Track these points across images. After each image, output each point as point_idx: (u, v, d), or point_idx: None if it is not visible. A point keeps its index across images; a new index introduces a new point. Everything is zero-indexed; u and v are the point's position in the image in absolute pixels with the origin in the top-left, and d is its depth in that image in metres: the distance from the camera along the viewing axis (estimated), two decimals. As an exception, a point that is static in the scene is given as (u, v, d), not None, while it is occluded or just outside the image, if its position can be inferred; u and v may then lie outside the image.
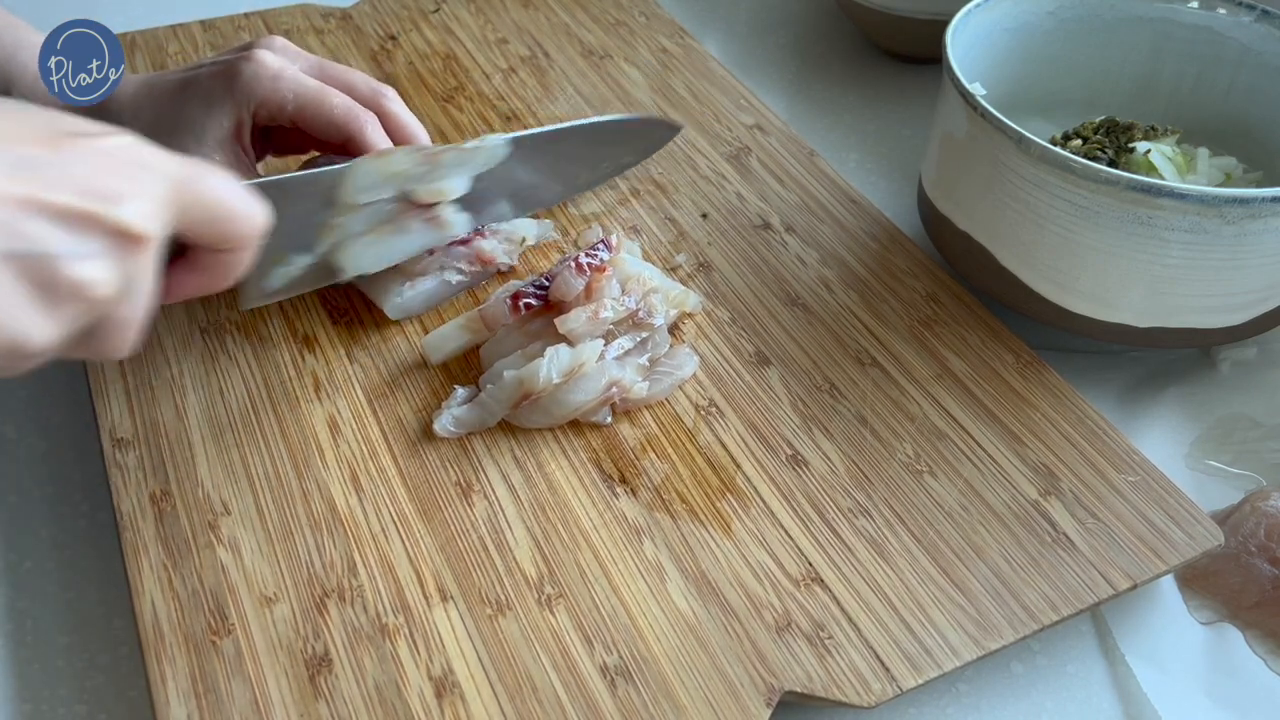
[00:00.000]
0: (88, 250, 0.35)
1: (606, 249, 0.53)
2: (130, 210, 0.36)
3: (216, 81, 0.51)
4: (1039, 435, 0.50)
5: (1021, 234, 0.53)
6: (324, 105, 0.51)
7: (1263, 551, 0.47)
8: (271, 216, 0.42)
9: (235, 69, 0.51)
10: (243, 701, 0.40)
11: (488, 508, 0.47)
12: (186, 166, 0.39)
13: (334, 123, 0.51)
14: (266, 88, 0.51)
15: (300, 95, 0.51)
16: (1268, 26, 0.59)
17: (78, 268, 0.34)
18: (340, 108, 0.51)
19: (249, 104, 0.51)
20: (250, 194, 0.41)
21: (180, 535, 0.45)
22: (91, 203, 0.35)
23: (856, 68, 0.81)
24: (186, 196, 0.38)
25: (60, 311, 0.35)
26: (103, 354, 0.39)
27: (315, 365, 0.53)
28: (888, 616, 0.43)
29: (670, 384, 0.51)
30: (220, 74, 0.51)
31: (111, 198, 0.35)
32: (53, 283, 0.34)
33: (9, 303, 0.34)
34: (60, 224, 0.34)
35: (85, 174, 0.35)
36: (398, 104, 0.55)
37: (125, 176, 0.36)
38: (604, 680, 0.41)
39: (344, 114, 0.51)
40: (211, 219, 0.40)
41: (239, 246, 0.41)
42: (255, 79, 0.51)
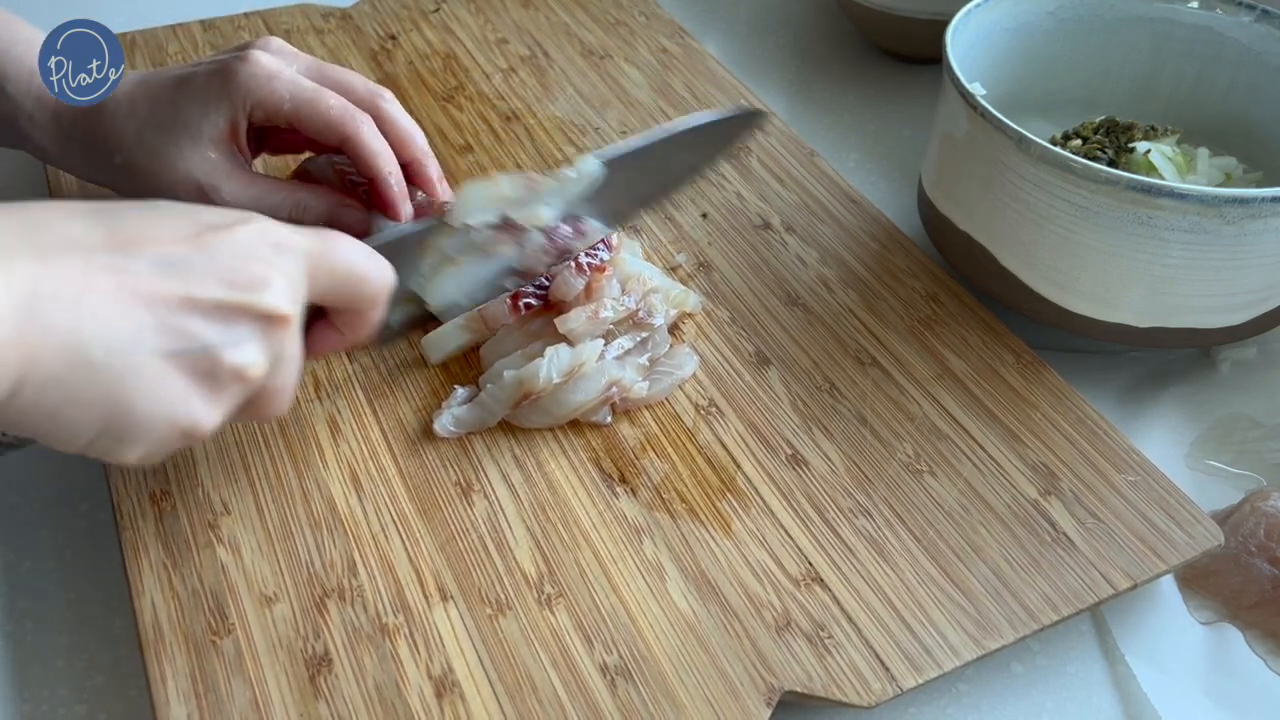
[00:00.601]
0: (240, 337, 0.38)
1: (607, 248, 0.53)
2: (273, 294, 0.39)
3: (212, 81, 0.51)
4: (1039, 435, 0.50)
5: (1021, 234, 0.53)
6: (319, 106, 0.51)
7: (1263, 551, 0.47)
8: (395, 273, 0.45)
9: (231, 69, 0.51)
10: (243, 701, 0.40)
11: (488, 507, 0.47)
12: (316, 240, 0.42)
13: (330, 124, 0.51)
14: (262, 88, 0.51)
15: (296, 96, 0.51)
16: (1268, 26, 0.59)
17: (234, 355, 0.38)
18: (336, 109, 0.51)
19: (245, 104, 0.51)
20: (375, 255, 0.44)
21: (180, 535, 0.45)
22: (239, 294, 0.38)
23: (856, 68, 0.81)
24: (320, 269, 0.41)
25: (223, 394, 0.38)
26: (263, 418, 0.43)
27: (315, 365, 0.53)
28: (888, 616, 0.43)
29: (670, 384, 0.51)
30: (216, 74, 0.51)
31: (255, 285, 0.38)
32: (214, 372, 0.38)
33: (179, 396, 0.37)
34: (213, 318, 0.37)
35: (229, 266, 0.38)
36: (395, 106, 0.55)
37: (264, 262, 0.39)
38: (604, 679, 0.41)
39: (339, 115, 0.51)
40: (344, 286, 0.43)
41: (370, 305, 0.44)
42: (251, 79, 0.51)
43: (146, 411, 0.37)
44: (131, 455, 0.38)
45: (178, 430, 0.38)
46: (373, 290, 0.44)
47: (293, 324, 0.40)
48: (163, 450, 0.39)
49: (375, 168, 0.52)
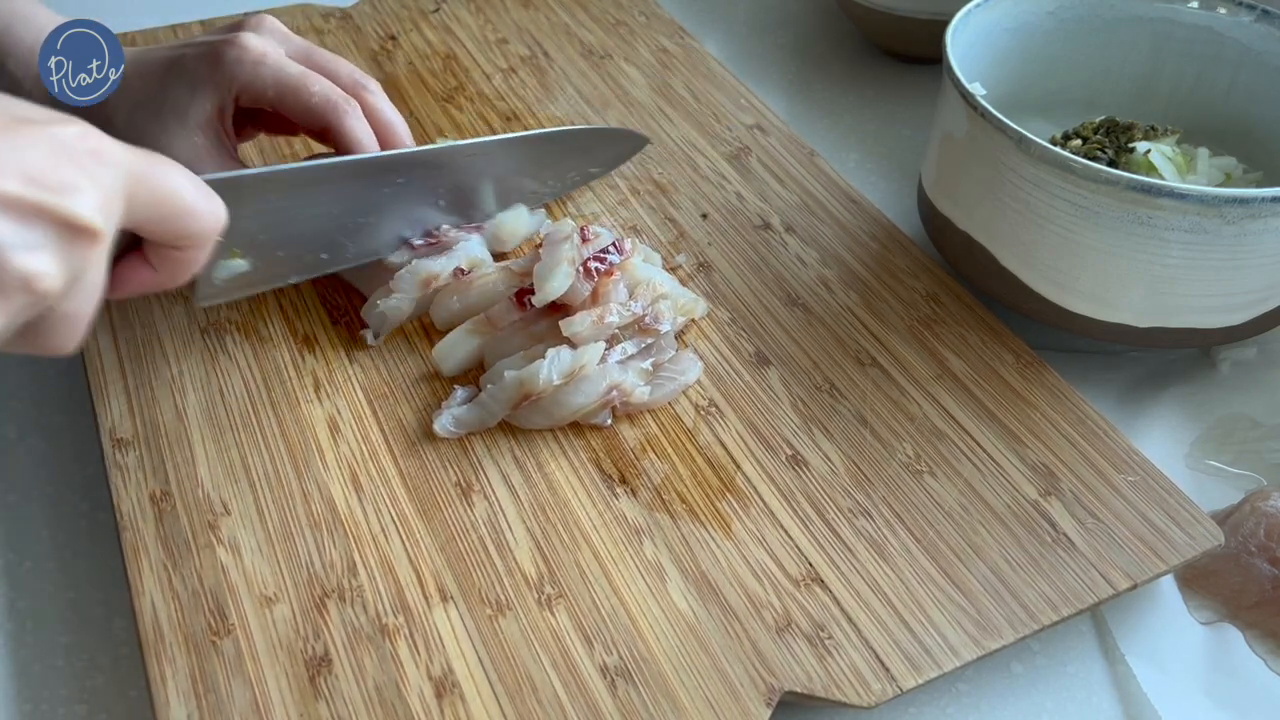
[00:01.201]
0: (35, 241, 0.34)
1: (618, 252, 0.52)
2: (81, 202, 0.34)
3: (200, 64, 0.51)
4: (1039, 435, 0.50)
5: (1021, 234, 0.53)
6: (303, 92, 0.51)
7: (1263, 551, 0.47)
8: (227, 213, 0.41)
9: (218, 53, 0.51)
10: (243, 701, 0.40)
11: (488, 508, 0.47)
12: (143, 159, 0.38)
13: (312, 111, 0.51)
14: (248, 73, 0.51)
15: (281, 81, 0.51)
16: (1268, 26, 0.59)
17: (24, 258, 0.33)
18: (319, 95, 0.51)
19: (230, 88, 0.51)
20: (208, 190, 0.40)
21: (180, 535, 0.45)
22: (41, 193, 0.34)
23: (856, 68, 0.81)
24: (141, 190, 0.37)
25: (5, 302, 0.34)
26: (46, 349, 0.37)
27: (315, 365, 0.53)
28: (887, 616, 0.43)
29: (673, 389, 0.51)
30: (204, 56, 0.51)
31: (62, 188, 0.34)
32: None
33: None
34: (6, 213, 0.33)
35: (36, 162, 0.34)
36: (380, 97, 0.55)
37: (78, 167, 0.35)
38: (604, 680, 0.41)
39: (322, 102, 0.51)
40: (167, 215, 0.39)
41: (194, 245, 0.41)
42: (238, 63, 0.51)
43: None
44: None
45: None
46: (198, 226, 0.40)
47: (100, 241, 0.35)
48: None
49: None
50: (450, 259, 0.54)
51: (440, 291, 0.54)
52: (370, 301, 0.54)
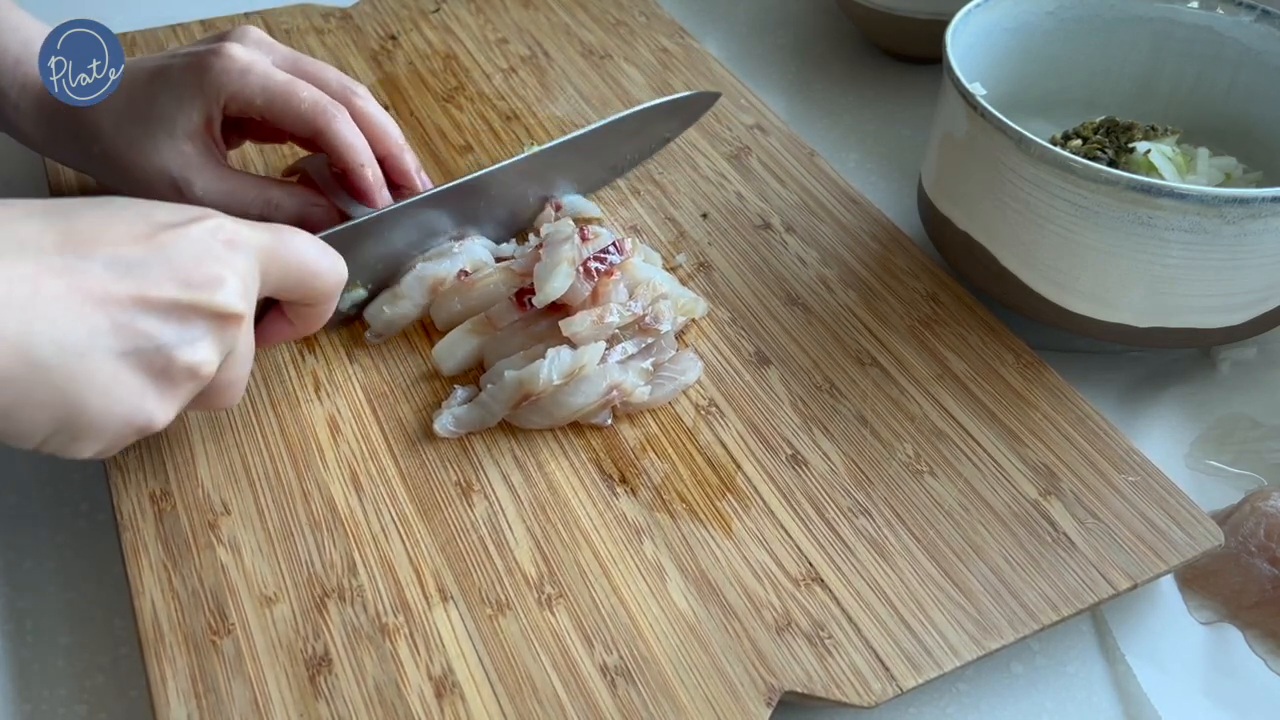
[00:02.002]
0: (194, 335, 0.39)
1: (618, 252, 0.52)
2: (226, 293, 0.39)
3: (187, 75, 0.51)
4: (1039, 435, 0.50)
5: (1021, 234, 0.53)
6: (292, 100, 0.51)
7: (1263, 551, 0.47)
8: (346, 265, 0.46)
9: (205, 63, 0.51)
10: (243, 701, 0.40)
11: (488, 508, 0.47)
12: (271, 236, 0.42)
13: (301, 117, 0.52)
14: (235, 82, 0.51)
15: (269, 90, 0.51)
16: (1268, 26, 0.59)
17: (187, 353, 0.39)
18: (308, 101, 0.52)
19: (218, 98, 0.51)
20: (329, 250, 0.45)
21: (180, 535, 0.45)
22: (192, 293, 0.38)
23: (856, 68, 0.81)
24: (273, 264, 0.42)
25: (177, 390, 0.39)
26: (216, 409, 0.45)
27: (315, 365, 0.53)
28: (888, 616, 0.43)
29: (673, 389, 0.51)
30: (190, 67, 0.51)
31: (208, 284, 0.39)
32: (168, 370, 0.38)
33: (134, 394, 0.38)
34: (167, 317, 0.38)
35: (182, 265, 0.38)
36: (368, 101, 0.55)
37: (218, 260, 0.39)
38: (604, 680, 0.41)
39: (311, 108, 0.52)
40: (297, 280, 0.44)
41: (324, 300, 0.46)
42: (224, 73, 0.51)
43: (100, 410, 0.37)
44: (86, 452, 0.39)
45: (132, 427, 0.39)
46: (325, 284, 0.45)
47: (245, 321, 0.41)
48: (117, 445, 0.40)
49: (349, 159, 0.53)
50: (454, 261, 0.55)
51: (443, 294, 0.54)
52: (376, 305, 0.54)
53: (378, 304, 0.54)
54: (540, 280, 0.51)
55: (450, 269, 0.54)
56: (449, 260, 0.55)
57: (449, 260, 0.55)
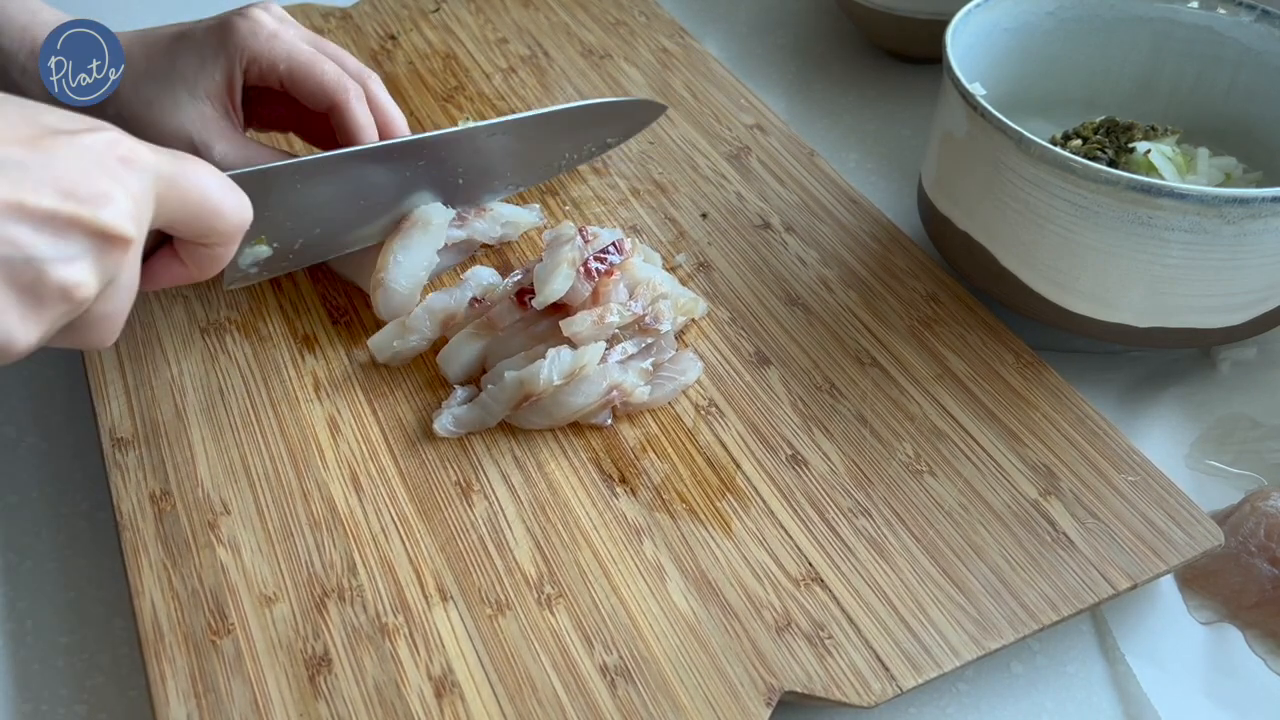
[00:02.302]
0: (71, 253, 0.35)
1: (618, 252, 0.52)
2: (113, 212, 0.35)
3: (211, 35, 0.52)
4: (1039, 435, 0.50)
5: (1021, 234, 0.53)
6: (314, 70, 0.52)
7: (1263, 551, 0.47)
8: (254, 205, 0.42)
9: (231, 24, 0.51)
10: (242, 701, 0.40)
11: (488, 507, 0.47)
12: (172, 161, 0.38)
13: (322, 88, 0.52)
14: (261, 45, 0.51)
15: (293, 57, 0.52)
16: (1268, 26, 0.59)
17: (62, 270, 0.34)
18: (331, 74, 0.52)
19: (241, 59, 0.51)
20: (234, 187, 0.41)
21: (180, 535, 0.45)
22: (74, 206, 0.34)
23: (856, 68, 0.81)
24: (170, 192, 0.38)
25: (44, 312, 0.35)
26: (86, 346, 0.39)
27: (315, 365, 0.53)
28: (887, 616, 0.43)
29: (673, 389, 0.51)
30: (215, 28, 0.52)
31: (94, 199, 0.35)
32: (37, 286, 0.34)
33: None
34: (43, 228, 0.34)
35: (67, 174, 0.35)
36: (381, 89, 0.55)
37: (108, 175, 0.36)
38: (604, 680, 0.41)
39: (334, 80, 0.52)
40: (196, 215, 0.40)
41: (223, 241, 0.41)
42: (252, 35, 0.51)
43: None
44: None
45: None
46: (226, 224, 0.41)
47: (132, 246, 0.37)
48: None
49: (358, 139, 0.53)
50: (463, 290, 0.53)
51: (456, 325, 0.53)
52: (384, 341, 0.52)
53: (386, 337, 0.52)
54: (541, 281, 0.51)
55: (460, 298, 0.53)
56: (458, 290, 0.53)
57: (458, 290, 0.53)
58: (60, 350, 0.57)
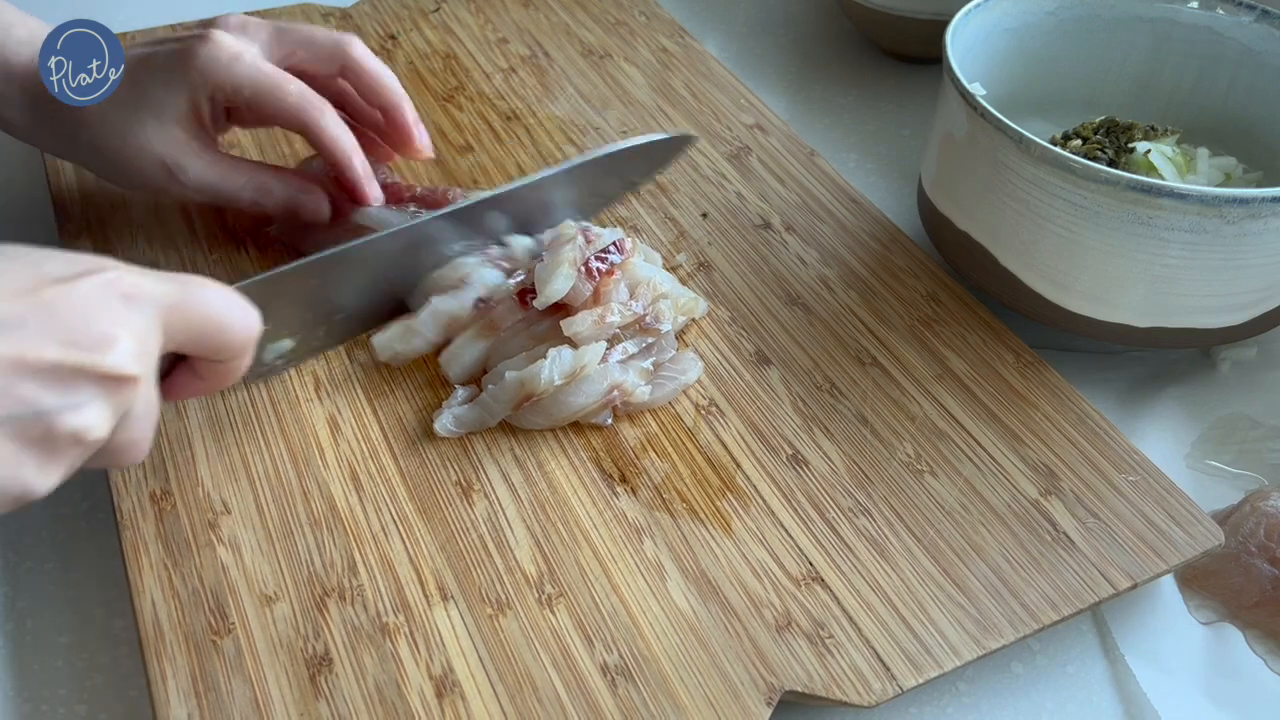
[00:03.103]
0: (79, 400, 0.35)
1: (619, 252, 0.52)
2: (117, 355, 0.35)
3: (173, 62, 0.51)
4: (1039, 435, 0.50)
5: (1021, 234, 0.53)
6: (278, 93, 0.51)
7: (1263, 551, 0.47)
8: (266, 316, 0.42)
9: (191, 51, 0.51)
10: (243, 701, 0.40)
11: (488, 507, 0.47)
12: (175, 288, 0.38)
13: (286, 112, 0.51)
14: (222, 72, 0.51)
15: (255, 82, 0.51)
16: (1268, 26, 0.59)
17: (71, 419, 0.35)
18: (294, 95, 0.51)
19: (205, 87, 0.51)
20: (240, 302, 0.41)
21: (180, 535, 0.45)
22: (78, 354, 0.34)
23: (856, 68, 0.81)
24: (176, 318, 0.38)
25: (59, 458, 0.35)
26: (117, 466, 0.41)
27: (315, 365, 0.53)
28: (888, 616, 0.43)
29: (673, 389, 0.51)
30: (177, 55, 0.51)
31: (97, 345, 0.35)
32: (48, 437, 0.35)
33: (8, 463, 0.34)
34: (49, 380, 0.34)
35: (69, 324, 0.35)
36: (362, 53, 0.54)
37: (109, 318, 0.36)
38: (604, 679, 0.41)
39: (297, 103, 0.51)
40: (204, 335, 0.40)
41: (235, 356, 0.41)
42: (212, 62, 0.50)
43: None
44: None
45: (7, 497, 0.35)
46: (235, 340, 0.41)
47: (141, 383, 0.37)
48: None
49: (336, 153, 0.52)
50: (468, 291, 0.52)
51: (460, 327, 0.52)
52: (386, 342, 0.52)
53: (388, 338, 0.52)
54: (542, 281, 0.51)
55: (465, 300, 0.52)
56: (463, 293, 0.53)
57: (463, 293, 0.53)
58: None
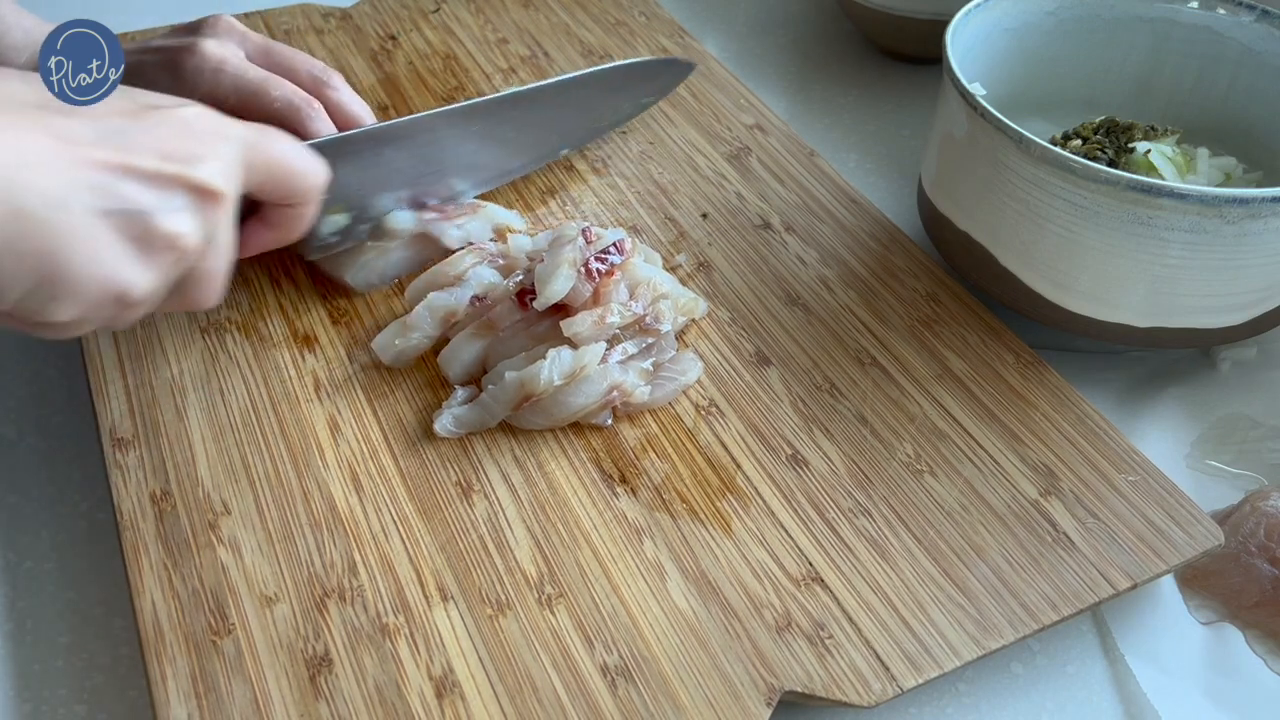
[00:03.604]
0: (174, 205, 0.40)
1: (619, 253, 0.52)
2: (208, 170, 0.41)
3: (160, 73, 0.52)
4: (1039, 435, 0.50)
5: (1021, 234, 0.53)
6: (264, 98, 0.52)
7: (1263, 551, 0.47)
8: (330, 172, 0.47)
9: (178, 61, 0.52)
10: (243, 701, 0.40)
11: (488, 507, 0.47)
12: (254, 131, 0.44)
13: (274, 115, 0.52)
14: (208, 82, 0.52)
15: (241, 88, 0.52)
16: (1268, 26, 0.59)
17: (167, 221, 0.40)
18: (280, 100, 0.52)
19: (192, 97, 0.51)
20: (310, 153, 0.47)
21: (180, 535, 0.45)
22: (174, 165, 0.40)
23: (856, 68, 0.81)
24: (255, 157, 0.44)
25: (156, 261, 0.40)
26: (193, 305, 0.44)
27: (315, 365, 0.53)
28: (888, 616, 0.43)
29: (673, 389, 0.51)
30: (164, 65, 0.52)
31: (191, 159, 0.40)
32: (148, 235, 0.39)
33: (113, 255, 0.39)
34: (149, 184, 0.39)
35: (166, 139, 0.40)
36: (343, 90, 0.56)
37: (200, 141, 0.41)
38: (604, 680, 0.41)
39: (284, 106, 0.52)
40: (278, 176, 0.45)
41: (303, 201, 0.47)
42: (197, 73, 0.52)
43: (80, 268, 0.38)
44: (62, 314, 0.39)
45: (110, 293, 0.39)
46: (306, 184, 0.47)
47: (226, 202, 0.42)
48: (94, 315, 0.40)
49: None
50: (465, 289, 0.53)
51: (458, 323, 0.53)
52: (387, 341, 0.52)
53: (388, 337, 0.52)
54: (542, 282, 0.51)
55: (461, 297, 0.53)
56: (459, 289, 0.53)
57: (459, 289, 0.53)
58: (60, 350, 0.57)
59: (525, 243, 0.56)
